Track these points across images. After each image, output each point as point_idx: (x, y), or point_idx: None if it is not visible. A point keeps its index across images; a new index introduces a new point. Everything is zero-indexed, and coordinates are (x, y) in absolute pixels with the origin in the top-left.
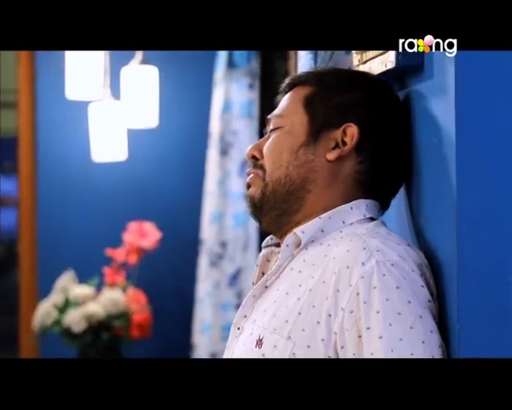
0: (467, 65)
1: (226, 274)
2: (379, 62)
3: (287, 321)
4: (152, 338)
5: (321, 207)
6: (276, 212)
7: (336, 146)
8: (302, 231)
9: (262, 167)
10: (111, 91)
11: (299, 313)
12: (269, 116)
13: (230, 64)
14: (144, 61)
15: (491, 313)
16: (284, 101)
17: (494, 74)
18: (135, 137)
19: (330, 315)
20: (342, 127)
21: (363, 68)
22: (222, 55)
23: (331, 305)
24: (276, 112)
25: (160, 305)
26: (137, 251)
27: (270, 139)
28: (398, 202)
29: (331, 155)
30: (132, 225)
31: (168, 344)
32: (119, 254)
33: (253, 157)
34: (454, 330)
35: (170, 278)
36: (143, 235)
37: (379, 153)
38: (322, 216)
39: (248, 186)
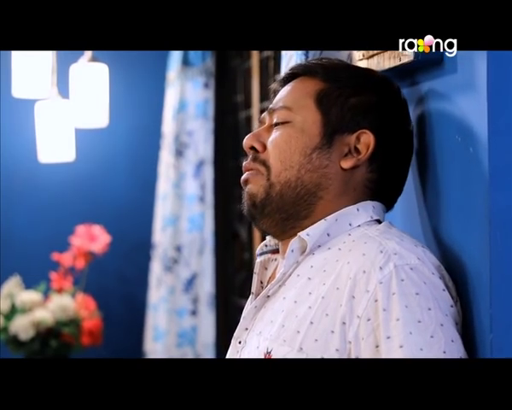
0: (500, 60)
1: (181, 279)
2: (390, 56)
3: (298, 332)
4: (102, 346)
5: (330, 214)
6: (281, 215)
7: (349, 152)
8: (307, 233)
9: (264, 163)
10: (58, 90)
11: (311, 323)
12: (271, 106)
13: (185, 62)
14: (94, 59)
15: None
16: (289, 92)
17: None
18: (83, 137)
19: (345, 323)
20: (356, 133)
21: (369, 64)
22: (176, 53)
23: (346, 312)
24: (281, 103)
25: (110, 311)
26: (85, 255)
27: (278, 134)
28: (413, 205)
29: (347, 164)
30: (80, 229)
31: (119, 352)
32: (65, 259)
33: (252, 148)
34: (486, 341)
35: (119, 284)
36: (92, 239)
37: (390, 162)
38: (327, 218)
39: (245, 182)
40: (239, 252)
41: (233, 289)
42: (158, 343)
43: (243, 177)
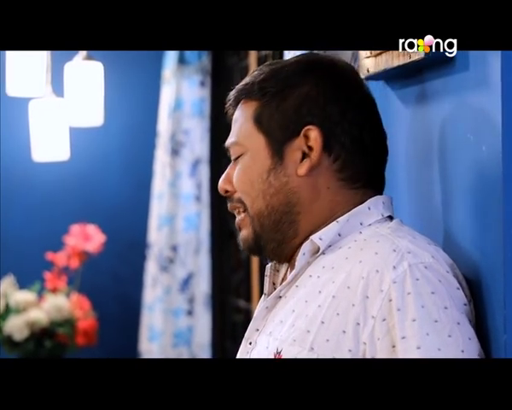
0: None
1: (177, 279)
2: (400, 54)
3: (308, 331)
4: (97, 346)
5: (318, 222)
6: (272, 244)
7: (305, 155)
8: (320, 237)
9: (240, 201)
10: (53, 88)
11: (322, 322)
12: (226, 144)
13: (181, 60)
14: (88, 57)
15: None
16: (235, 122)
17: None
18: (78, 135)
19: (359, 324)
20: (302, 133)
21: (377, 61)
22: (172, 52)
23: (359, 312)
24: (231, 138)
25: (104, 311)
26: (80, 255)
27: (237, 170)
28: (424, 205)
29: (302, 170)
30: (75, 228)
31: (114, 352)
32: (60, 259)
33: (227, 191)
34: (500, 342)
35: (114, 284)
36: (87, 238)
37: (352, 138)
38: (339, 220)
39: (239, 228)
40: (235, 252)
41: (229, 289)
42: (153, 343)
43: (236, 222)
